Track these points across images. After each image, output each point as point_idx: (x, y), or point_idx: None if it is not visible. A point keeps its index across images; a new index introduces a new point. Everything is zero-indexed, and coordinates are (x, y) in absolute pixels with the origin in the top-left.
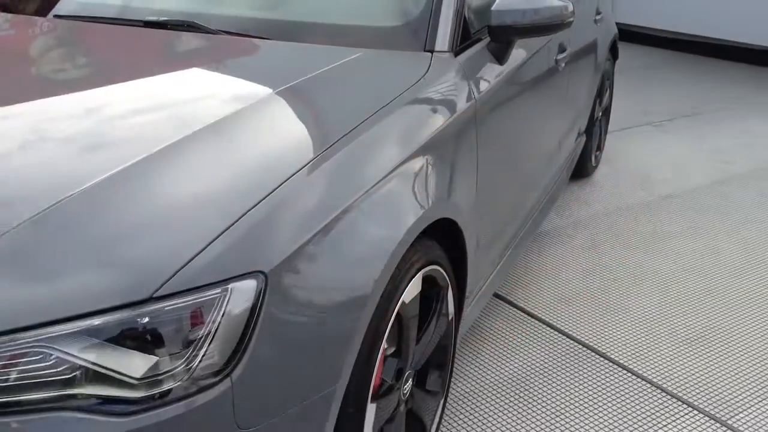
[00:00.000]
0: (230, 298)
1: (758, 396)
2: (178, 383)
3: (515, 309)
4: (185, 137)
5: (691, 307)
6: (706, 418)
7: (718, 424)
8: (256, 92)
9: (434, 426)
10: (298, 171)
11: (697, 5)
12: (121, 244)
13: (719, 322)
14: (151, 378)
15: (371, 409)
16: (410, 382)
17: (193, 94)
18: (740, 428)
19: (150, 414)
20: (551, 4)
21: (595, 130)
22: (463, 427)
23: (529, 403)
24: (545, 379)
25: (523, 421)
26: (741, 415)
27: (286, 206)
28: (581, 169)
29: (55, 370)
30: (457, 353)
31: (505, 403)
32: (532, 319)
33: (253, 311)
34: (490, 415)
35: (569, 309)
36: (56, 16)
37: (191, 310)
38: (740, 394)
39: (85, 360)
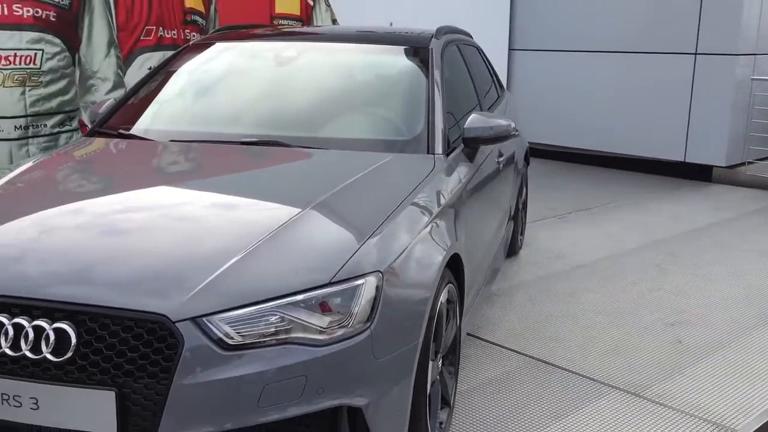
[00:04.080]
0: (365, 285)
1: (660, 377)
2: (345, 330)
3: (482, 341)
4: (324, 199)
5: (606, 331)
6: (624, 393)
7: (632, 396)
8: (350, 174)
9: (453, 395)
10: (386, 218)
11: (581, 126)
12: (311, 253)
13: (626, 338)
14: (330, 327)
15: (431, 366)
16: (441, 361)
17: (315, 176)
18: (649, 397)
19: (330, 347)
20: (502, 123)
21: (519, 217)
22: (463, 412)
23: (502, 397)
24: (510, 380)
25: (497, 408)
26: (650, 389)
27: (386, 236)
28: (511, 248)
29: (281, 323)
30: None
31: (484, 400)
32: (494, 345)
33: (377, 293)
34: (476, 407)
35: (518, 338)
36: (172, 141)
37: (349, 291)
38: (648, 377)
39: (297, 318)
